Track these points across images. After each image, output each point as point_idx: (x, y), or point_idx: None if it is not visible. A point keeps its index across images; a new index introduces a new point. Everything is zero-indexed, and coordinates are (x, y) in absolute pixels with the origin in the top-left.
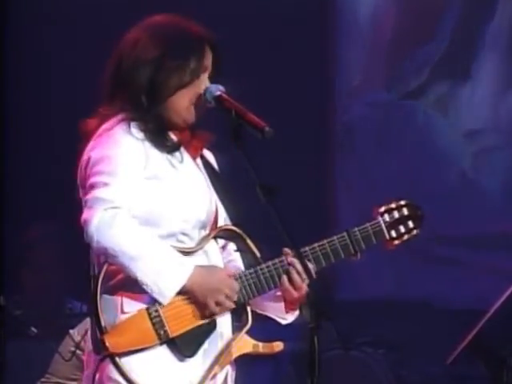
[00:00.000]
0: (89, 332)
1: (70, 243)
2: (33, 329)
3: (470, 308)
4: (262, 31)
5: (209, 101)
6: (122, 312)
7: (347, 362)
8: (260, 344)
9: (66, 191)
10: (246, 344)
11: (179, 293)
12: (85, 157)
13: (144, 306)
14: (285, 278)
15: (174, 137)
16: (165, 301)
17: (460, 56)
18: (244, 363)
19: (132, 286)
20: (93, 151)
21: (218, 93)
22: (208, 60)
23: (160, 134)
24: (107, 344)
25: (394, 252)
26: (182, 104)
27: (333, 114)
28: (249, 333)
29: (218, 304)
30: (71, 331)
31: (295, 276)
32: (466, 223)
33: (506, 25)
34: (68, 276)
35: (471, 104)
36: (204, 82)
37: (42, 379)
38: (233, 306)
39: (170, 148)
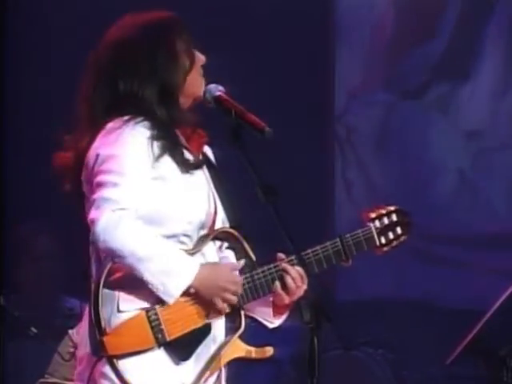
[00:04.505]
0: (84, 329)
1: (68, 243)
2: (32, 329)
3: (469, 308)
4: (262, 31)
5: (208, 101)
6: (118, 311)
7: (347, 362)
8: (253, 349)
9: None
10: (239, 348)
11: (182, 294)
12: (92, 153)
13: (140, 306)
14: (278, 283)
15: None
16: (171, 300)
17: (460, 56)
18: (244, 364)
19: (129, 286)
20: (101, 149)
21: (218, 93)
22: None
23: (179, 152)
24: (106, 346)
25: (394, 252)
26: (196, 80)
27: (333, 113)
28: (247, 335)
29: (225, 301)
30: (70, 331)
31: (289, 281)
32: (465, 223)
33: (506, 25)
34: (67, 276)
35: (471, 104)
36: (197, 54)
37: (41, 379)
38: (235, 300)
39: (192, 166)
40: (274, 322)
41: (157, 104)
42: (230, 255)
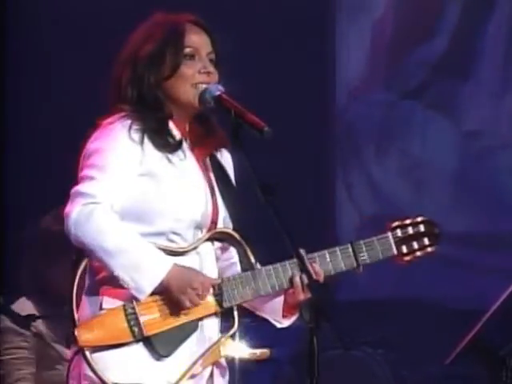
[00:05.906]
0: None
1: (68, 242)
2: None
3: (470, 308)
4: (262, 31)
5: (208, 101)
6: (101, 309)
7: (347, 361)
8: (257, 351)
9: (64, 191)
10: (232, 348)
11: (157, 291)
12: (84, 148)
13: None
14: (298, 279)
15: (176, 133)
16: (142, 297)
17: (460, 55)
18: (243, 364)
19: (114, 283)
20: (91, 143)
21: (218, 93)
22: (196, 38)
23: (161, 133)
24: (77, 337)
25: None
26: (182, 87)
27: (333, 113)
28: (247, 335)
29: (191, 302)
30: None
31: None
32: (465, 223)
33: (506, 24)
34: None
35: (471, 103)
36: (202, 61)
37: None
38: (201, 303)
39: (171, 147)
40: (282, 323)
41: (136, 103)
42: (238, 260)
